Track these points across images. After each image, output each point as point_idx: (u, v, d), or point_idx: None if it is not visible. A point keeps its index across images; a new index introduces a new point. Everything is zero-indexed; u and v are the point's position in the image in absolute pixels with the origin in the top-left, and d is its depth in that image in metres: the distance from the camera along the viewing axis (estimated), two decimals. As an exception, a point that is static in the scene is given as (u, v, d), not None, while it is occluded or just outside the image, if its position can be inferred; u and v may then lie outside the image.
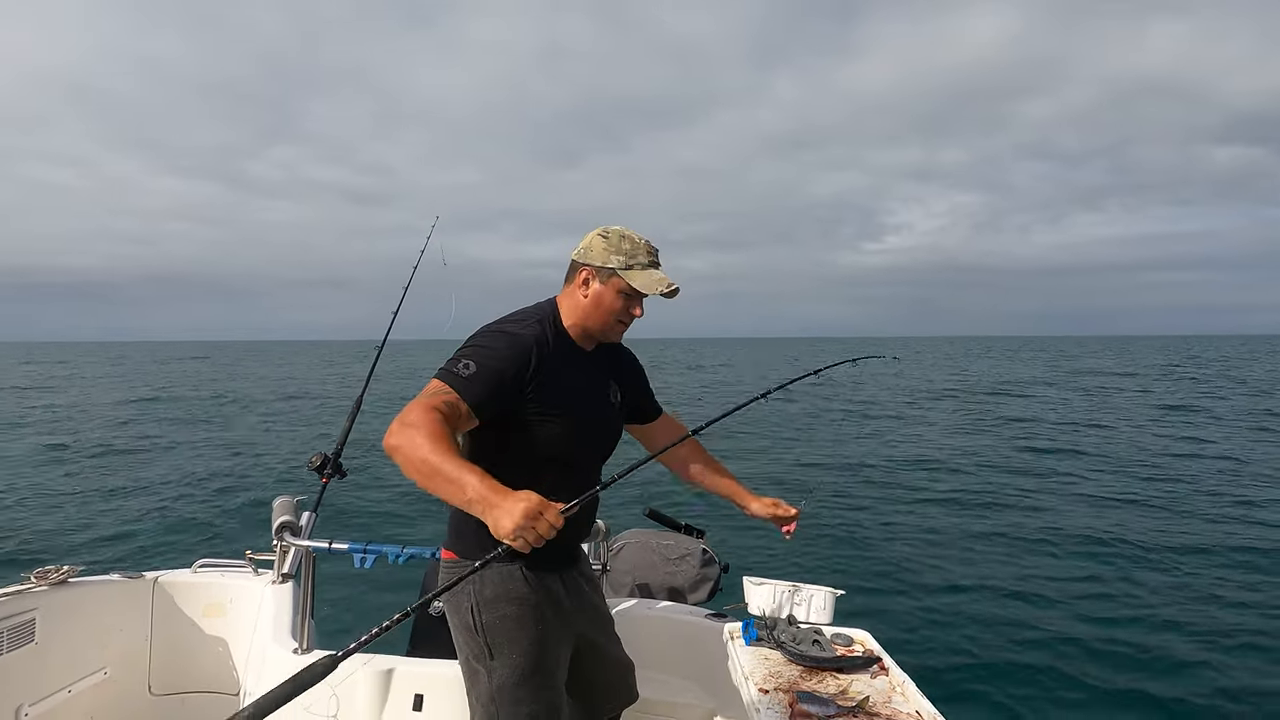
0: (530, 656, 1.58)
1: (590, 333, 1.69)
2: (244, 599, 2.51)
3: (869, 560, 6.22)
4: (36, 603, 2.17)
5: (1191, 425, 15.48)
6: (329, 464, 2.61)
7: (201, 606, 2.53)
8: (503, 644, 1.57)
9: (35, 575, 2.24)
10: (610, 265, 1.62)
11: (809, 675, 1.79)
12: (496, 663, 1.57)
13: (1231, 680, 4.08)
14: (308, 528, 2.39)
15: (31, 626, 2.15)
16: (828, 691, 1.70)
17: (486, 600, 1.58)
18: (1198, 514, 7.78)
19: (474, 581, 1.58)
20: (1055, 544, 6.70)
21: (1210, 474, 10.02)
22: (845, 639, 1.99)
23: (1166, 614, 5.01)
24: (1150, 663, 4.32)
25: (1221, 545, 6.59)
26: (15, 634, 2.11)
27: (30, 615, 2.15)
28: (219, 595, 2.54)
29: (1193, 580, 5.72)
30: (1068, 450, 12.16)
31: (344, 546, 2.16)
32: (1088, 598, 5.34)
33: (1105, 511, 7.97)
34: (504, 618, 1.57)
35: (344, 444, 2.74)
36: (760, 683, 1.76)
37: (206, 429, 14.78)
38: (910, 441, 13.15)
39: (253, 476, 9.55)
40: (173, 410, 18.58)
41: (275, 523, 2.32)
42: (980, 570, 5.96)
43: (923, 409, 19.14)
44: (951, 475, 10.00)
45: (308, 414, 18.16)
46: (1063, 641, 4.56)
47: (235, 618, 2.51)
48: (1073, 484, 9.47)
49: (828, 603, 2.15)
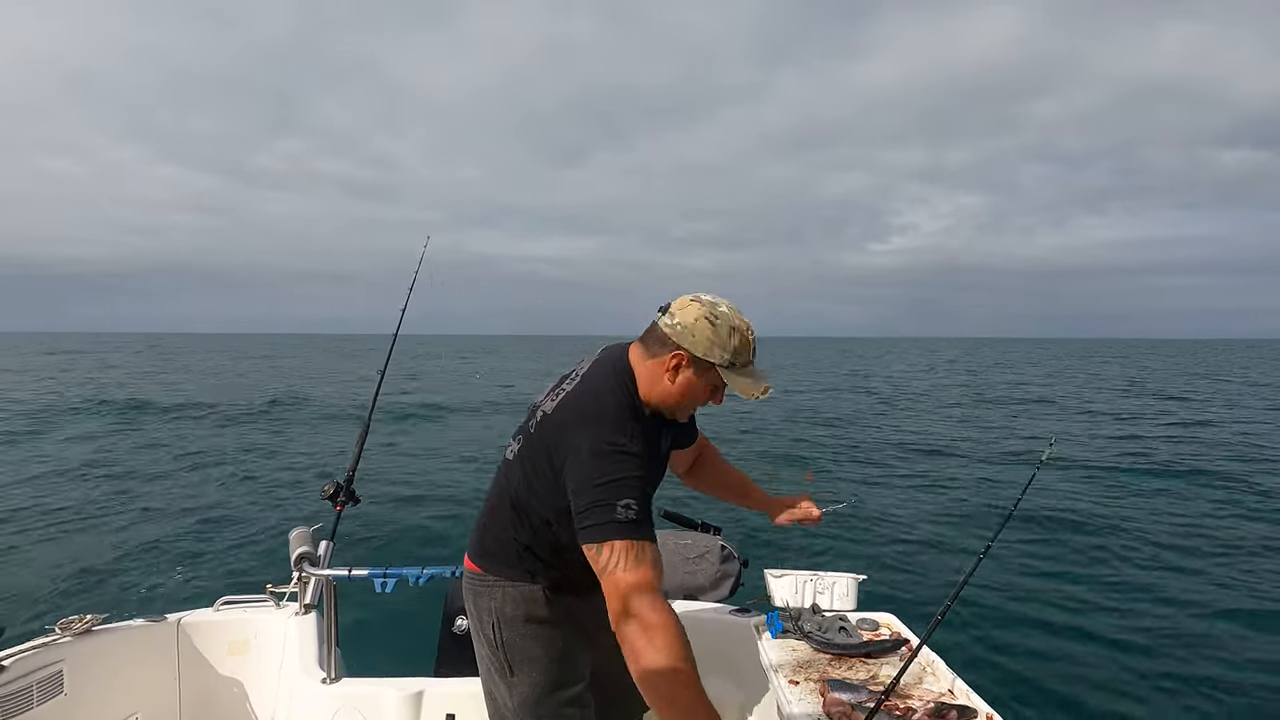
0: (550, 674, 1.57)
1: (663, 412, 1.55)
2: (268, 633, 2.51)
3: (890, 544, 6.21)
4: (63, 654, 2.18)
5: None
6: (341, 491, 2.61)
7: (226, 644, 2.53)
8: (522, 661, 1.56)
9: (60, 626, 2.25)
10: (711, 359, 1.45)
11: (838, 663, 1.79)
12: (517, 679, 1.57)
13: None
14: (326, 556, 2.40)
15: (60, 678, 2.16)
16: (858, 678, 1.69)
17: (507, 618, 1.57)
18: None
19: (496, 598, 1.58)
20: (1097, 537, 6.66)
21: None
22: (871, 623, 1.99)
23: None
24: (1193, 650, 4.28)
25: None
26: (44, 687, 2.11)
27: (58, 667, 2.15)
28: (243, 631, 2.54)
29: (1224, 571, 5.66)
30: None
31: (364, 572, 2.16)
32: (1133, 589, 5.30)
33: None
34: (524, 635, 1.57)
35: (355, 470, 2.74)
36: (790, 674, 1.75)
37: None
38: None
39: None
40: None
41: (294, 554, 2.33)
42: (1006, 556, 5.95)
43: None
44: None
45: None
46: (1104, 626, 4.54)
47: (261, 652, 2.52)
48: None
49: (850, 589, 2.14)
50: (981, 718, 1.48)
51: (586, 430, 1.40)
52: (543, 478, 1.46)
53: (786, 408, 17.53)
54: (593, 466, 1.35)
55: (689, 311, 1.46)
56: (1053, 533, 6.49)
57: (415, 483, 9.21)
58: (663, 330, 1.47)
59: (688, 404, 1.52)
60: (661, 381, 1.48)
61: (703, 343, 1.43)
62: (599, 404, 1.45)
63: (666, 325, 1.47)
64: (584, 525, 1.33)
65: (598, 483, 1.33)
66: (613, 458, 1.36)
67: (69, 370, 33.47)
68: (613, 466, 1.35)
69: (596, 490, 1.32)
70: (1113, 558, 5.89)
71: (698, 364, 1.45)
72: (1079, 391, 24.68)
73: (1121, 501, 7.81)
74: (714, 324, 1.44)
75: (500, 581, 1.58)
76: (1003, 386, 26.79)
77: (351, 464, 2.76)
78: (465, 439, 13.21)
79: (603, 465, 1.35)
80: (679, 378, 1.47)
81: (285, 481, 9.70)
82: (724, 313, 1.46)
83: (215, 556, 7.09)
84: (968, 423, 15.60)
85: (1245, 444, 12.31)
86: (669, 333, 1.46)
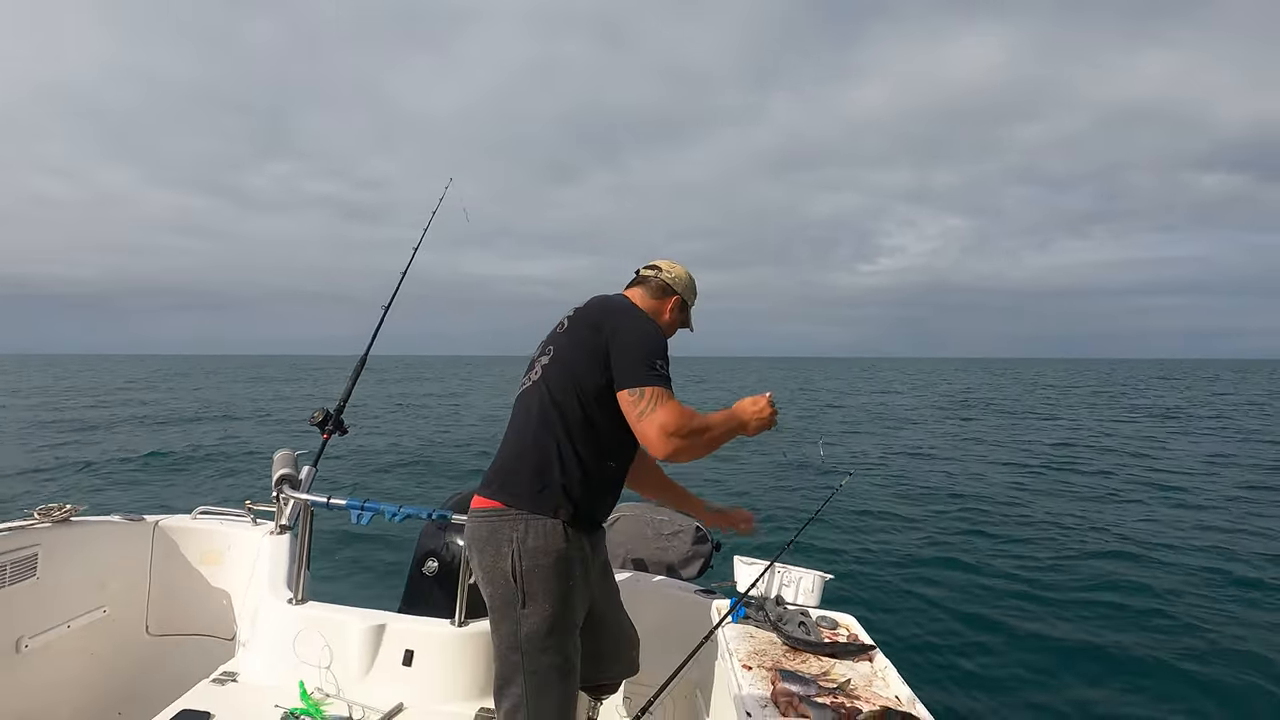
0: (560, 607, 1.65)
1: None
2: (241, 547, 2.55)
3: (860, 546, 6.27)
4: (39, 539, 2.21)
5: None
6: (330, 420, 2.62)
7: (200, 552, 2.57)
8: (537, 593, 1.64)
9: (39, 512, 2.28)
10: (689, 302, 2.03)
11: (793, 655, 1.82)
12: (529, 610, 1.64)
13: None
14: (307, 482, 2.42)
15: (34, 561, 2.19)
16: (810, 672, 1.72)
17: (529, 549, 1.64)
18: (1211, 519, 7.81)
19: (519, 529, 1.65)
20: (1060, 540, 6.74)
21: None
22: (831, 622, 2.02)
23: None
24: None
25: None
26: (18, 568, 2.15)
27: (33, 550, 2.19)
28: (217, 542, 2.57)
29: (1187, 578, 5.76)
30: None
31: (342, 502, 2.18)
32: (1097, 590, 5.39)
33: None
34: (542, 567, 1.64)
35: (346, 401, 2.75)
36: (745, 659, 1.78)
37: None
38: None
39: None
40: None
41: (275, 474, 2.34)
42: (967, 558, 6.01)
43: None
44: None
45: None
46: (1057, 636, 4.62)
47: (232, 565, 2.55)
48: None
49: (816, 585, 2.17)
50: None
51: (629, 311, 1.82)
52: (590, 357, 1.72)
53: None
54: (639, 332, 1.74)
55: (678, 269, 2.01)
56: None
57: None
58: (664, 280, 1.98)
59: (671, 334, 1.99)
60: (662, 316, 1.96)
61: (687, 290, 2.02)
62: (631, 305, 1.87)
63: (668, 278, 1.98)
64: (627, 374, 1.66)
65: (641, 344, 1.70)
66: (654, 334, 1.76)
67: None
68: (655, 336, 1.75)
69: (640, 349, 1.69)
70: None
71: (682, 306, 2.01)
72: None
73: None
74: (691, 278, 2.05)
75: (523, 514, 1.66)
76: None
77: (344, 394, 2.77)
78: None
79: (646, 333, 1.75)
80: (673, 315, 1.98)
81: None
82: (689, 271, 2.05)
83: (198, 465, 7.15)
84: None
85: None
86: (670, 282, 1.98)
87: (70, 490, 7.23)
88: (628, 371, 1.66)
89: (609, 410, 1.70)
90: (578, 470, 1.69)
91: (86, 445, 11.14)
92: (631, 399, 1.64)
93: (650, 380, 1.64)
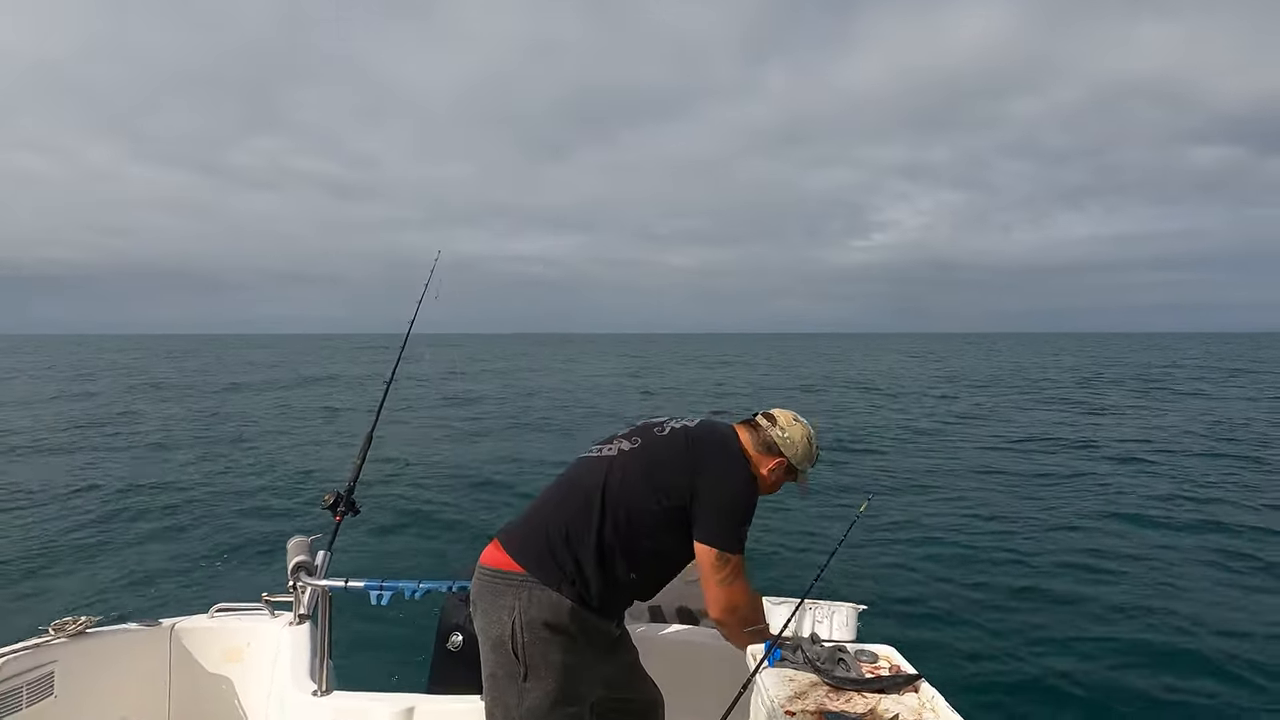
0: (563, 683, 1.60)
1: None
2: (262, 642, 2.50)
3: (889, 571, 6.15)
4: (55, 655, 2.17)
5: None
6: (342, 501, 2.60)
7: (219, 651, 2.52)
8: (539, 666, 1.59)
9: (53, 627, 2.24)
10: (800, 468, 1.93)
11: (835, 694, 1.76)
12: (530, 684, 1.58)
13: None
14: (323, 567, 2.39)
15: (50, 680, 2.14)
16: (856, 710, 1.67)
17: (529, 619, 1.59)
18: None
19: (521, 598, 1.60)
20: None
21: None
22: (870, 655, 1.96)
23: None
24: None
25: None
26: (34, 688, 2.10)
27: (49, 668, 2.14)
28: (236, 639, 2.53)
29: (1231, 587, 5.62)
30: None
31: (360, 584, 2.16)
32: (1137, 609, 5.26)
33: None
34: (545, 640, 1.59)
35: (356, 480, 2.74)
36: (786, 704, 1.73)
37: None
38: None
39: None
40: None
41: (291, 563, 2.32)
42: (1008, 576, 5.89)
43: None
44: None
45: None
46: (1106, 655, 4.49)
47: (253, 661, 2.50)
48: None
49: (849, 619, 2.12)
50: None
51: (737, 462, 1.81)
52: (666, 479, 1.72)
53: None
54: (741, 494, 1.76)
55: (796, 430, 1.90)
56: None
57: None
58: (773, 438, 1.89)
59: (766, 493, 1.91)
60: (764, 472, 1.88)
61: (801, 455, 1.91)
62: (740, 457, 1.84)
63: (778, 436, 1.89)
64: (714, 533, 1.72)
65: (739, 508, 1.74)
66: (751, 497, 1.79)
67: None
68: (749, 502, 1.78)
69: (736, 513, 1.73)
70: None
71: (790, 469, 1.91)
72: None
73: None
74: (809, 442, 1.92)
75: (528, 581, 1.61)
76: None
77: (353, 474, 2.75)
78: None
79: (746, 497, 1.77)
80: (773, 477, 1.90)
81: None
82: (814, 434, 1.94)
83: (211, 563, 7.07)
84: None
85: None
86: (779, 443, 1.89)
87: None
88: (716, 531, 1.72)
89: (659, 536, 1.71)
90: (597, 563, 1.66)
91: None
92: (717, 562, 1.71)
93: (736, 548, 1.72)
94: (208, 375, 32.98)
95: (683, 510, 1.71)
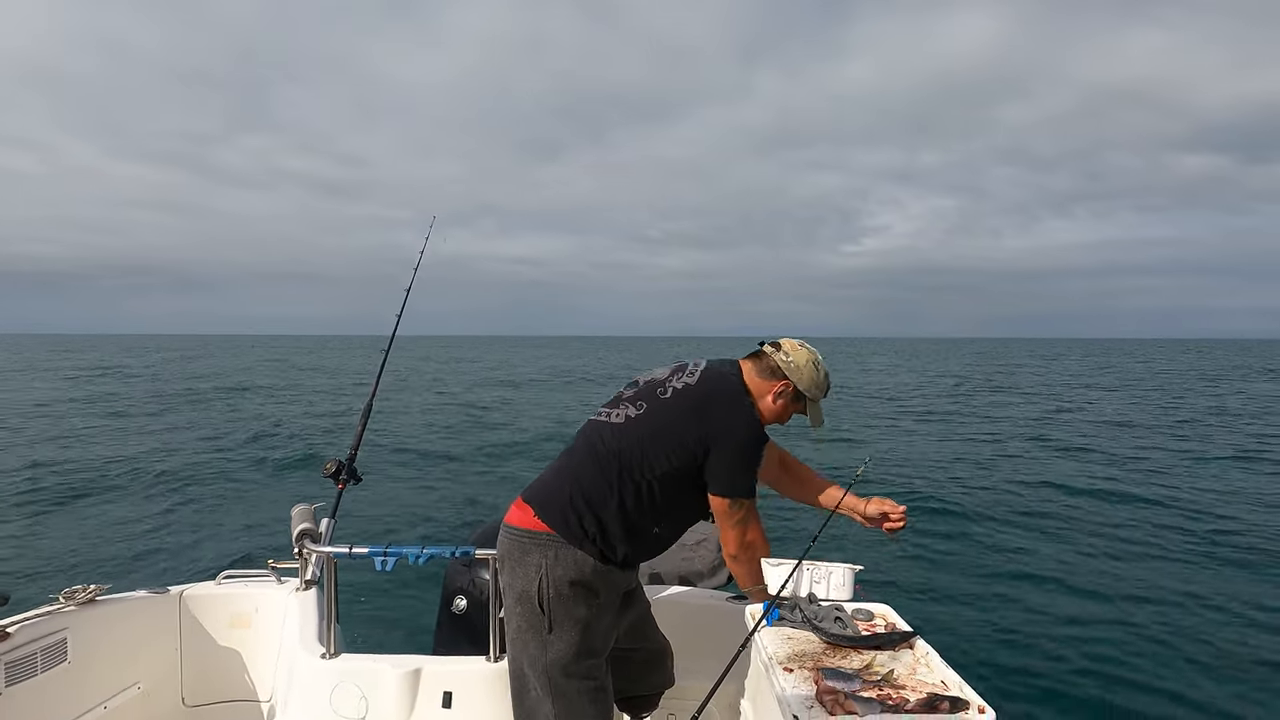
0: (587, 635, 1.67)
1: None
2: (269, 608, 2.54)
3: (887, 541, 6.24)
4: (67, 622, 2.20)
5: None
6: (343, 470, 2.62)
7: (228, 617, 2.56)
8: (564, 620, 1.65)
9: (64, 595, 2.27)
10: (809, 395, 1.89)
11: (832, 652, 1.80)
12: (554, 636, 1.65)
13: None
14: (327, 534, 2.41)
15: (64, 646, 2.18)
16: (853, 667, 1.71)
17: (556, 576, 1.65)
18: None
19: (549, 555, 1.66)
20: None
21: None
22: (866, 614, 2.00)
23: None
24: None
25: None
26: (48, 654, 2.14)
27: (62, 635, 2.18)
28: (244, 605, 2.57)
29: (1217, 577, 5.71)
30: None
31: (364, 550, 2.18)
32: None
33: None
34: (569, 596, 1.65)
35: (357, 449, 2.75)
36: (785, 662, 1.77)
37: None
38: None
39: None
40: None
41: (295, 530, 2.34)
42: (1003, 548, 5.97)
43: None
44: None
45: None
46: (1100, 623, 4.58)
47: (261, 627, 2.54)
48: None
49: (846, 579, 2.15)
50: (974, 709, 1.49)
51: (740, 412, 1.78)
52: (680, 443, 1.73)
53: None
54: (747, 443, 1.77)
55: (800, 354, 1.87)
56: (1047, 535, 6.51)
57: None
58: (776, 362, 1.86)
59: (773, 421, 1.90)
60: (768, 400, 1.86)
61: (807, 380, 1.86)
62: (743, 396, 1.82)
63: (782, 360, 1.86)
64: (726, 482, 1.75)
65: (747, 456, 1.76)
66: (759, 441, 1.79)
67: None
68: (756, 448, 1.78)
69: (744, 461, 1.75)
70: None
71: (797, 395, 1.87)
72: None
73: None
74: (816, 368, 1.88)
75: (555, 540, 1.67)
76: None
77: (354, 442, 2.77)
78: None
79: (753, 444, 1.78)
80: (779, 402, 1.87)
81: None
82: (821, 360, 1.90)
83: (219, 531, 7.16)
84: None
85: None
86: (783, 366, 1.86)
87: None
88: (728, 482, 1.75)
89: (673, 489, 1.74)
90: (621, 524, 1.70)
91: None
92: (731, 508, 1.77)
93: (748, 494, 1.77)
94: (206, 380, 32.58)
95: (694, 468, 1.75)
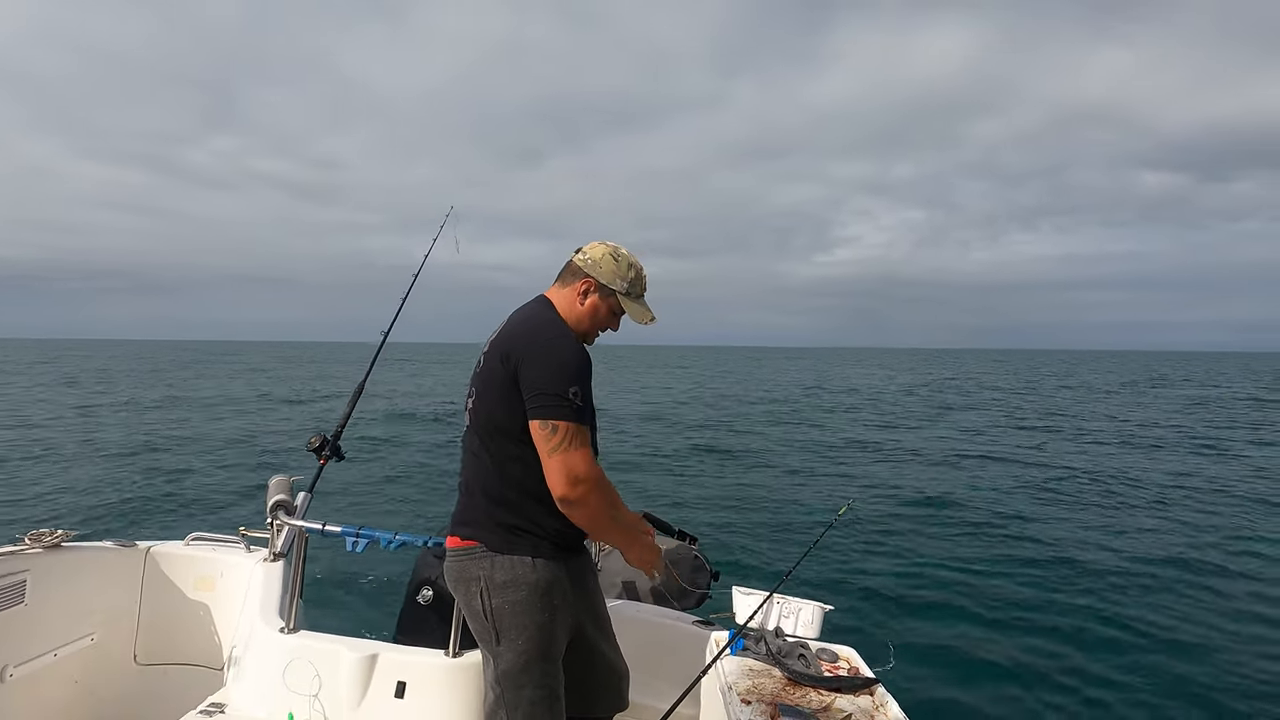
0: (534, 642, 1.63)
1: (578, 336, 1.76)
2: (234, 574, 2.51)
3: (860, 575, 6.20)
4: (29, 564, 2.18)
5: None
6: (327, 446, 2.61)
7: (192, 579, 2.54)
8: (509, 629, 1.62)
9: (29, 537, 2.25)
10: (613, 287, 1.76)
11: (793, 689, 1.79)
12: (502, 647, 1.62)
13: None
14: (302, 508, 2.40)
15: (22, 588, 2.16)
16: (811, 706, 1.69)
17: (496, 585, 1.63)
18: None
19: (484, 566, 1.63)
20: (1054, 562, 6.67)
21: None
22: (831, 654, 1.99)
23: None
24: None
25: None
26: (6, 594, 2.12)
27: (22, 577, 2.16)
28: (210, 569, 2.54)
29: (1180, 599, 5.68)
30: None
31: (337, 529, 2.16)
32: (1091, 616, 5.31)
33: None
34: (512, 603, 1.62)
35: (344, 427, 2.74)
36: (743, 694, 1.75)
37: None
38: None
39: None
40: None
41: (270, 500, 2.33)
42: (973, 587, 5.94)
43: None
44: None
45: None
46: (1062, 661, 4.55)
47: (224, 592, 2.52)
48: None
49: (815, 617, 2.14)
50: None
51: (539, 331, 1.64)
52: (502, 394, 1.60)
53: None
54: (548, 357, 1.59)
55: (596, 249, 1.77)
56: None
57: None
58: (576, 263, 1.77)
59: (592, 325, 1.78)
60: (575, 305, 1.75)
61: (607, 272, 1.75)
62: (541, 318, 1.70)
63: (579, 260, 1.76)
64: (537, 404, 1.55)
65: (554, 367, 1.57)
66: (563, 350, 1.60)
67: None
68: (567, 359, 1.59)
69: (552, 375, 1.56)
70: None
71: (602, 290, 1.75)
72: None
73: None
74: (615, 259, 1.76)
75: (487, 551, 1.64)
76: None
77: (341, 420, 2.76)
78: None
79: (557, 358, 1.59)
80: (587, 301, 1.75)
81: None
82: (624, 252, 1.78)
83: (193, 492, 7.11)
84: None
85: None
86: (580, 264, 1.76)
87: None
88: (537, 401, 1.55)
89: (532, 441, 1.60)
90: (533, 505, 1.64)
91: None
92: (544, 432, 1.54)
93: (562, 414, 1.53)
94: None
95: (524, 408, 1.60)
